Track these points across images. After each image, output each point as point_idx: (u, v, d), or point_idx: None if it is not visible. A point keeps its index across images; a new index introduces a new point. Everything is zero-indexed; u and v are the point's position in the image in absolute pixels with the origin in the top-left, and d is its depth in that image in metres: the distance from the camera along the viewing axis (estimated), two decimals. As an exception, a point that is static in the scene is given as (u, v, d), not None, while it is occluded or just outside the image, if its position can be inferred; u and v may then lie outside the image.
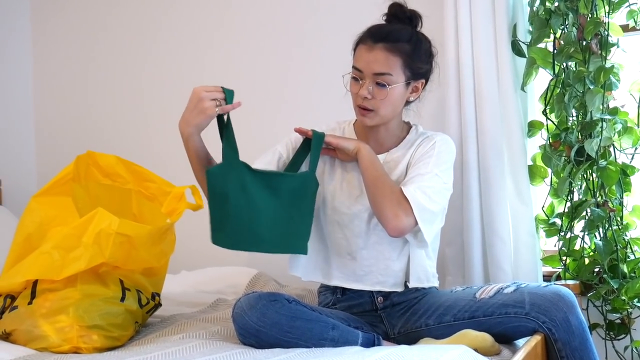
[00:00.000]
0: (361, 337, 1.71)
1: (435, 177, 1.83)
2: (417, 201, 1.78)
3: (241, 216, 1.73)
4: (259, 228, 1.75)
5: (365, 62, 1.82)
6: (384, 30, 1.84)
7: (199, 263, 2.66)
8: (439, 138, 1.91)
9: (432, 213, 1.81)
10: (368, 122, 1.87)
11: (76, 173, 1.93)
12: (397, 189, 1.80)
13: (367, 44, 1.83)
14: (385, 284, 1.88)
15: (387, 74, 1.81)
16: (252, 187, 1.75)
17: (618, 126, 2.13)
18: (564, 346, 1.75)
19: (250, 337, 1.68)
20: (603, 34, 2.10)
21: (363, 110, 1.85)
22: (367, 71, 1.82)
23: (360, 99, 1.84)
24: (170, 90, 2.90)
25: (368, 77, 1.82)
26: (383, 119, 1.87)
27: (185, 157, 2.82)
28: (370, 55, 1.81)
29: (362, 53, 1.84)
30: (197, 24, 2.88)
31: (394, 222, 1.78)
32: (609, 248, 2.10)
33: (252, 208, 1.75)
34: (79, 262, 1.69)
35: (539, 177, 2.23)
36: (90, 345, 1.68)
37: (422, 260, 1.89)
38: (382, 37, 1.81)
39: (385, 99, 1.82)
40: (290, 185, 1.79)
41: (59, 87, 3.14)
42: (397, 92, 1.84)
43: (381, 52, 1.81)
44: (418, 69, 1.86)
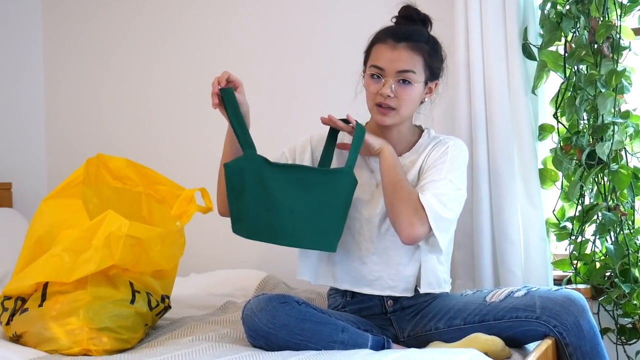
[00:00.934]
0: (371, 340, 1.71)
1: (449, 184, 1.82)
2: (433, 209, 1.77)
3: (258, 208, 1.74)
4: (278, 221, 1.74)
5: (388, 60, 1.83)
6: (406, 30, 1.86)
7: (208, 266, 2.66)
8: (451, 142, 1.90)
9: (448, 221, 1.81)
10: (388, 121, 1.86)
11: (86, 176, 1.93)
12: (414, 195, 1.79)
13: (389, 43, 1.84)
14: (396, 289, 1.87)
15: (411, 71, 1.83)
16: (271, 180, 1.75)
17: (630, 130, 2.12)
18: (575, 350, 1.75)
19: (260, 338, 1.68)
20: (615, 37, 2.09)
21: (383, 109, 1.85)
22: (390, 69, 1.83)
23: (382, 97, 1.83)
24: (180, 94, 2.91)
25: (390, 76, 1.83)
26: (402, 118, 1.88)
27: (195, 160, 2.84)
28: (394, 53, 1.83)
29: (383, 51, 1.84)
30: (207, 28, 2.88)
31: (409, 230, 1.77)
32: (621, 252, 2.09)
33: (271, 201, 1.74)
34: (89, 265, 1.70)
35: (550, 180, 2.22)
36: (100, 348, 1.69)
37: (433, 266, 1.88)
38: (406, 37, 1.84)
39: (409, 97, 1.83)
40: (317, 179, 1.78)
41: (69, 90, 3.15)
42: (418, 91, 1.86)
43: (405, 50, 1.83)
44: (436, 69, 1.89)
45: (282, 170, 1.77)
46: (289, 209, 1.74)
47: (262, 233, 1.76)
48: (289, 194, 1.75)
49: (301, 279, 1.92)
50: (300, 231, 1.75)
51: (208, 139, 2.84)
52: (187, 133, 2.90)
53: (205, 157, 2.84)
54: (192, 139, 2.89)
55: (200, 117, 2.85)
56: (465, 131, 2.25)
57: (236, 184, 1.75)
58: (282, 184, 1.75)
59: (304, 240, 1.77)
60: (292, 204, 1.75)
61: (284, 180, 1.76)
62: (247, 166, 1.75)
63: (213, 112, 1.83)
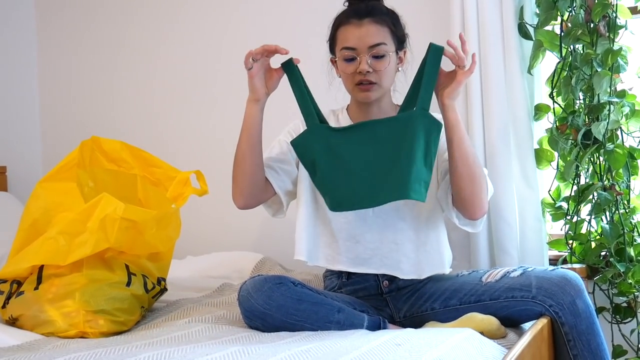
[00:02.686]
0: (367, 320, 1.71)
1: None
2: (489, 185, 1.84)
3: (336, 179, 1.76)
4: (356, 186, 1.74)
5: (357, 38, 1.83)
6: (364, 7, 1.86)
7: (204, 248, 2.66)
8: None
9: None
10: (372, 95, 1.86)
11: (81, 159, 1.93)
12: (483, 171, 1.82)
13: (353, 22, 1.84)
14: (390, 267, 1.87)
15: (382, 43, 1.83)
16: (340, 146, 1.76)
17: (625, 109, 2.12)
18: (571, 330, 1.75)
19: (256, 319, 1.68)
20: (611, 16, 2.08)
21: (364, 86, 1.85)
22: (361, 46, 1.83)
23: (360, 75, 1.83)
24: (175, 76, 2.90)
25: (363, 52, 1.82)
26: (385, 90, 1.89)
27: (190, 143, 2.84)
28: (362, 30, 1.83)
29: (351, 31, 1.84)
30: (205, 10, 2.86)
31: (484, 209, 1.82)
32: (616, 232, 2.10)
33: (344, 168, 1.75)
34: (84, 248, 1.70)
35: (546, 160, 2.22)
36: (96, 330, 1.69)
37: (442, 246, 1.89)
38: (367, 12, 1.84)
39: (386, 69, 1.84)
40: (387, 130, 1.76)
41: (63, 73, 3.13)
42: (392, 61, 1.86)
43: (371, 25, 1.83)
44: (402, 37, 1.90)
45: (350, 131, 1.79)
46: (366, 168, 1.74)
47: (344, 203, 1.76)
48: (363, 154, 1.75)
49: (298, 259, 1.92)
50: (379, 189, 1.73)
51: (204, 122, 2.84)
52: (182, 115, 2.89)
53: (200, 139, 2.84)
54: (187, 121, 2.88)
55: (196, 99, 2.84)
56: (461, 112, 2.23)
57: (308, 160, 1.78)
58: (353, 147, 1.76)
59: (388, 195, 1.73)
60: (367, 162, 1.75)
61: (354, 143, 1.77)
62: (314, 139, 1.77)
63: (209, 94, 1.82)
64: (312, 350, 1.39)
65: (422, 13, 2.40)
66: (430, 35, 2.10)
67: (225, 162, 2.11)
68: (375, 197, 1.74)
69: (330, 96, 1.98)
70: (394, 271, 1.87)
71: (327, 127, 1.80)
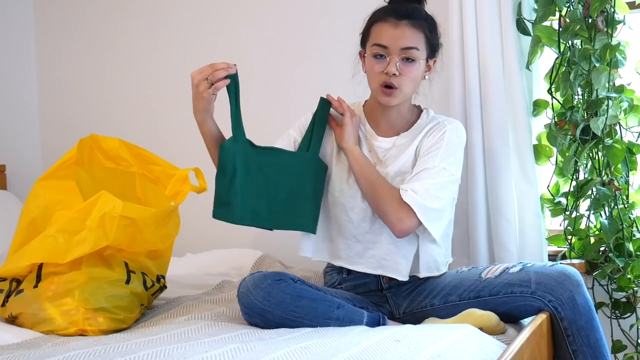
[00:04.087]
0: (366, 316, 1.72)
1: (442, 171, 1.82)
2: (418, 202, 1.78)
3: (246, 192, 1.79)
4: (259, 204, 1.80)
5: (391, 37, 1.81)
6: (406, 8, 1.84)
7: (203, 245, 2.66)
8: (449, 127, 1.89)
9: (436, 211, 1.80)
10: (393, 101, 1.85)
11: (79, 157, 1.93)
12: (395, 192, 1.81)
13: (390, 21, 1.82)
14: (388, 269, 1.87)
15: (415, 48, 1.82)
16: (254, 163, 1.80)
17: (624, 104, 2.12)
18: (570, 325, 1.75)
19: (256, 316, 1.68)
20: (609, 11, 2.08)
21: (387, 89, 1.84)
22: (393, 47, 1.81)
23: (387, 76, 1.82)
24: (173, 74, 2.89)
25: (394, 53, 1.81)
26: (405, 97, 1.87)
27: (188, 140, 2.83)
28: (397, 31, 1.81)
29: (386, 29, 1.82)
30: (203, 8, 2.86)
31: (399, 225, 1.80)
32: (615, 227, 2.10)
33: (255, 184, 1.80)
34: (83, 246, 1.70)
35: (545, 156, 2.22)
36: (96, 328, 1.69)
37: (431, 250, 1.88)
38: (407, 15, 1.82)
39: (413, 74, 1.82)
40: (287, 163, 1.84)
41: (62, 70, 3.13)
42: (421, 69, 1.85)
43: (408, 27, 1.82)
44: (435, 47, 1.89)
45: (262, 153, 1.82)
46: (267, 192, 1.80)
47: (246, 217, 1.81)
48: (267, 178, 1.81)
49: (303, 256, 1.93)
50: (276, 214, 1.82)
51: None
52: (180, 113, 2.89)
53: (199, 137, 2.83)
54: (185, 118, 2.86)
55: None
56: (459, 108, 2.25)
57: (229, 165, 1.78)
58: (262, 167, 1.81)
59: (281, 223, 1.84)
60: (269, 187, 1.81)
61: (264, 164, 1.82)
62: (238, 148, 1.79)
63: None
64: (312, 347, 1.39)
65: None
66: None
67: (224, 160, 2.11)
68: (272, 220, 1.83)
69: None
70: (391, 273, 1.87)
71: (249, 141, 1.83)
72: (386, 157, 1.90)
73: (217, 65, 1.76)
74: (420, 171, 1.83)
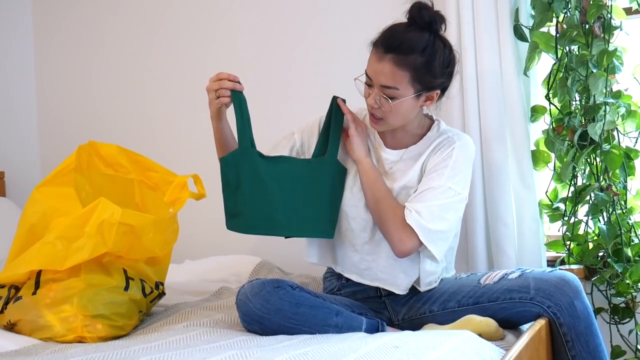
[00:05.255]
0: (365, 323, 1.71)
1: (448, 191, 1.79)
2: (421, 225, 1.75)
3: (255, 202, 1.77)
4: (275, 213, 1.77)
5: (373, 71, 1.77)
6: (396, 39, 1.74)
7: (202, 252, 2.66)
8: (457, 144, 1.84)
9: (440, 232, 1.77)
10: (378, 128, 1.85)
11: (78, 163, 1.93)
12: (400, 212, 1.78)
13: (378, 53, 1.75)
14: (385, 282, 1.86)
15: (393, 88, 1.74)
16: (265, 173, 1.78)
17: (621, 110, 2.12)
18: (569, 331, 1.75)
19: (254, 323, 1.68)
20: (606, 17, 2.09)
21: (373, 118, 1.83)
22: (375, 81, 1.77)
23: (369, 107, 1.82)
24: (173, 81, 2.90)
25: (376, 87, 1.78)
26: (393, 127, 1.84)
27: (187, 147, 2.84)
28: (379, 66, 1.75)
29: (372, 61, 1.78)
30: (200, 14, 2.87)
31: (399, 246, 1.78)
32: (613, 232, 2.10)
33: (267, 193, 1.77)
34: (82, 252, 1.69)
35: (543, 162, 2.22)
36: (94, 335, 1.69)
37: (433, 267, 1.87)
38: (393, 48, 1.73)
39: (391, 111, 1.77)
40: (301, 171, 1.81)
41: (61, 77, 3.13)
42: (405, 105, 1.77)
43: (389, 64, 1.73)
44: (430, 83, 1.77)
45: (273, 163, 1.80)
46: (283, 200, 1.77)
47: (260, 226, 1.79)
48: (282, 186, 1.78)
49: (308, 261, 1.94)
50: (294, 221, 1.79)
51: (200, 126, 2.83)
52: (179, 119, 2.89)
53: (197, 143, 2.83)
54: (184, 125, 2.88)
55: (192, 103, 2.84)
56: (457, 114, 2.25)
57: (232, 178, 1.77)
58: (275, 177, 1.79)
59: (298, 230, 1.81)
60: (284, 195, 1.78)
61: (276, 173, 1.79)
62: (243, 160, 1.77)
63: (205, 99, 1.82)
64: (310, 354, 1.39)
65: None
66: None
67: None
68: (289, 227, 1.80)
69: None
70: (388, 286, 1.86)
71: (257, 152, 1.80)
72: (393, 170, 1.88)
73: (223, 75, 1.78)
74: (425, 190, 1.79)
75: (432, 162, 1.84)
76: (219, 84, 1.77)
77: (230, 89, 1.78)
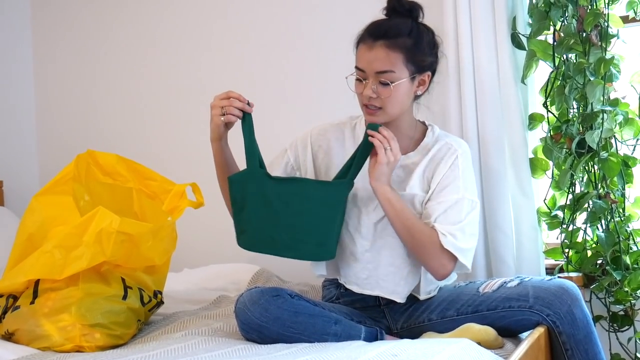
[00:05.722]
0: (364, 331, 1.71)
1: (467, 202, 1.81)
2: (458, 247, 1.78)
3: (260, 221, 1.76)
4: (279, 233, 1.76)
5: (366, 61, 1.79)
6: (382, 27, 1.80)
7: (201, 261, 2.66)
8: (459, 152, 1.86)
9: (472, 248, 1.83)
10: (376, 120, 1.82)
11: (76, 172, 1.93)
12: (435, 237, 1.78)
13: (367, 43, 1.79)
14: (386, 290, 1.85)
15: (390, 71, 1.77)
16: (273, 194, 1.77)
17: (619, 117, 2.13)
18: (569, 339, 1.75)
19: (253, 332, 1.68)
20: (603, 25, 2.09)
21: (370, 110, 1.82)
22: (369, 70, 1.78)
23: (366, 98, 1.81)
24: (171, 90, 2.90)
25: (371, 76, 1.78)
26: (391, 117, 1.83)
27: (185, 156, 2.84)
28: (371, 54, 1.78)
29: (362, 52, 1.80)
30: (197, 23, 2.87)
31: (441, 271, 1.81)
32: (612, 240, 2.10)
33: (272, 214, 1.76)
34: (80, 261, 1.69)
35: (541, 169, 2.23)
36: (92, 344, 1.69)
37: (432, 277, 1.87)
38: (381, 34, 1.77)
39: (391, 96, 1.78)
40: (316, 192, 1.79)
41: (60, 87, 3.14)
42: (402, 89, 1.80)
43: (381, 49, 1.77)
44: (422, 62, 1.81)
45: (283, 183, 1.79)
46: (289, 222, 1.76)
47: (263, 245, 1.78)
48: (289, 207, 1.76)
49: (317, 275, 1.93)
50: (299, 243, 1.77)
51: (198, 134, 2.83)
52: (177, 128, 2.90)
53: (196, 152, 2.83)
54: (182, 133, 2.88)
55: (190, 112, 2.85)
56: (455, 121, 2.25)
57: (238, 196, 1.78)
58: (284, 198, 1.77)
59: (303, 253, 1.79)
60: (292, 216, 1.76)
61: (285, 194, 1.77)
62: (250, 179, 1.78)
63: (203, 107, 1.83)
64: (309, 362, 1.39)
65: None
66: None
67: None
68: (295, 249, 1.78)
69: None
70: (389, 294, 1.84)
71: (265, 172, 1.80)
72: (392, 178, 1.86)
73: (233, 94, 1.78)
74: (448, 209, 1.81)
75: (438, 173, 1.85)
76: (228, 102, 1.77)
77: (240, 109, 1.77)
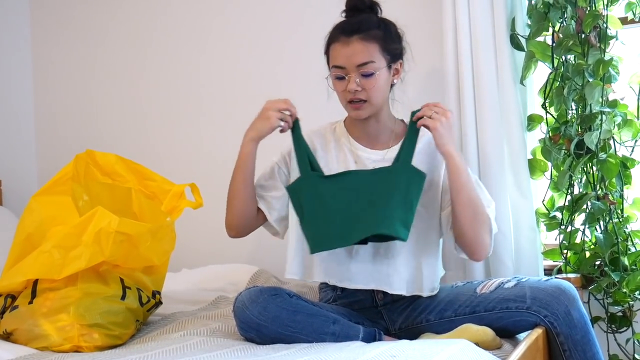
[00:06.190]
0: (362, 332, 1.71)
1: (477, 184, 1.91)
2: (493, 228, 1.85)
3: (317, 222, 1.80)
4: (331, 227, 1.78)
5: (345, 57, 1.83)
6: (353, 23, 1.85)
7: (199, 261, 2.66)
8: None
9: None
10: (363, 114, 1.86)
11: (75, 172, 1.93)
12: (487, 214, 1.83)
13: (342, 40, 1.84)
14: (380, 282, 1.86)
15: (370, 62, 1.82)
16: (325, 192, 1.81)
17: (618, 119, 2.13)
18: (566, 339, 1.76)
19: (251, 331, 1.68)
20: (602, 27, 2.10)
21: (355, 104, 1.85)
22: (349, 65, 1.83)
23: (350, 94, 1.83)
24: (170, 90, 2.90)
25: (352, 71, 1.83)
26: (376, 107, 1.87)
27: (184, 156, 2.84)
28: (349, 49, 1.83)
29: (339, 50, 1.84)
30: (196, 23, 2.87)
31: (486, 250, 1.86)
32: (610, 241, 2.10)
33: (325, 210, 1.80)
34: (79, 261, 1.69)
35: (539, 170, 2.23)
36: (91, 344, 1.69)
37: (435, 268, 1.89)
38: (355, 30, 1.83)
39: (375, 86, 1.83)
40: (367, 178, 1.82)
41: (59, 87, 3.14)
42: (383, 77, 1.85)
43: (358, 43, 1.82)
44: (395, 50, 1.88)
45: (335, 180, 1.83)
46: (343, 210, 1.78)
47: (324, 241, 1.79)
48: (343, 197, 1.80)
49: (289, 277, 1.92)
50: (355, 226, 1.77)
51: (198, 135, 2.84)
52: (177, 128, 2.90)
53: (195, 152, 2.84)
54: (181, 134, 2.89)
55: (190, 112, 2.85)
56: (454, 122, 2.25)
57: (297, 206, 1.83)
58: (336, 192, 1.80)
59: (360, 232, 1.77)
60: (346, 204, 1.79)
61: (337, 189, 1.81)
62: (305, 185, 1.83)
63: (203, 107, 1.83)
64: (307, 363, 1.39)
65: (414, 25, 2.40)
66: (423, 47, 2.12)
67: (220, 175, 2.11)
68: (348, 236, 1.78)
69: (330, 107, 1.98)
70: (382, 286, 1.85)
71: (318, 174, 1.84)
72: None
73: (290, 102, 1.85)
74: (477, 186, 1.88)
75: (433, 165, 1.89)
76: (287, 107, 1.84)
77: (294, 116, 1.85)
